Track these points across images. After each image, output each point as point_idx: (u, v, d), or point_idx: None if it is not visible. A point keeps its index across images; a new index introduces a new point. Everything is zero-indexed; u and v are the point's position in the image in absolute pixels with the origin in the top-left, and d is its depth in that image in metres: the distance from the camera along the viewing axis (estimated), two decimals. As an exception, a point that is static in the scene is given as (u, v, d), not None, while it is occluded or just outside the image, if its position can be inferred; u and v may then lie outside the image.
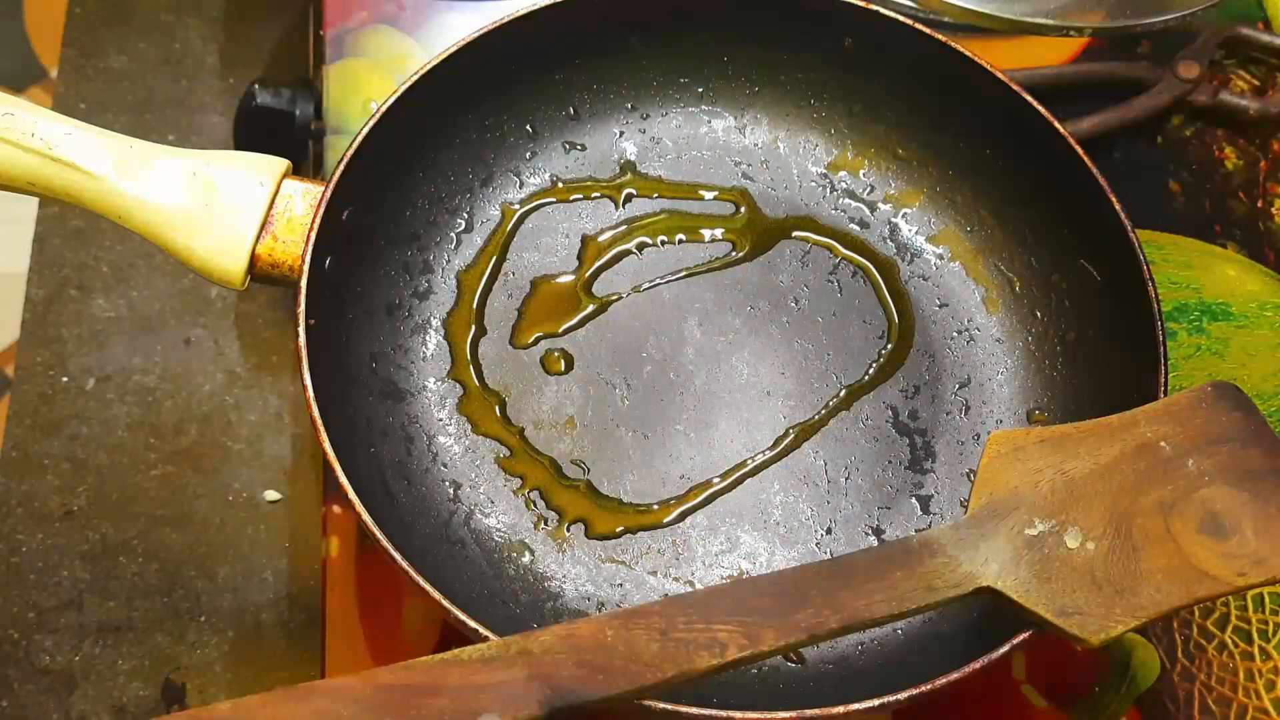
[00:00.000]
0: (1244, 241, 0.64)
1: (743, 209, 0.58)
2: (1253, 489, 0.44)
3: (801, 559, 0.51)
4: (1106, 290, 0.53)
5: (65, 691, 0.60)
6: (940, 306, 0.56)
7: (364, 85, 0.64)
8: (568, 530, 0.51)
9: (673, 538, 0.51)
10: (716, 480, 0.52)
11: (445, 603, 0.41)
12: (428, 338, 0.54)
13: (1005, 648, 0.42)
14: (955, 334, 0.56)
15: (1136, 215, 0.51)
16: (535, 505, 0.51)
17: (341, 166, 0.49)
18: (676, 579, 0.50)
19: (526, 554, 0.50)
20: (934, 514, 0.52)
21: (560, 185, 0.58)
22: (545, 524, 0.51)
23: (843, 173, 0.59)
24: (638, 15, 0.57)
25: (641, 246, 0.57)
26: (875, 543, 0.51)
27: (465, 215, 0.57)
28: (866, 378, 0.55)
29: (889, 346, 0.55)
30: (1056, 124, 0.53)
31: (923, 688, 0.41)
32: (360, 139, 0.50)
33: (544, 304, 0.55)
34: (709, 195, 0.58)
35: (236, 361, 0.74)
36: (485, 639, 0.40)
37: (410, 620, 0.53)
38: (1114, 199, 0.51)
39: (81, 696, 0.60)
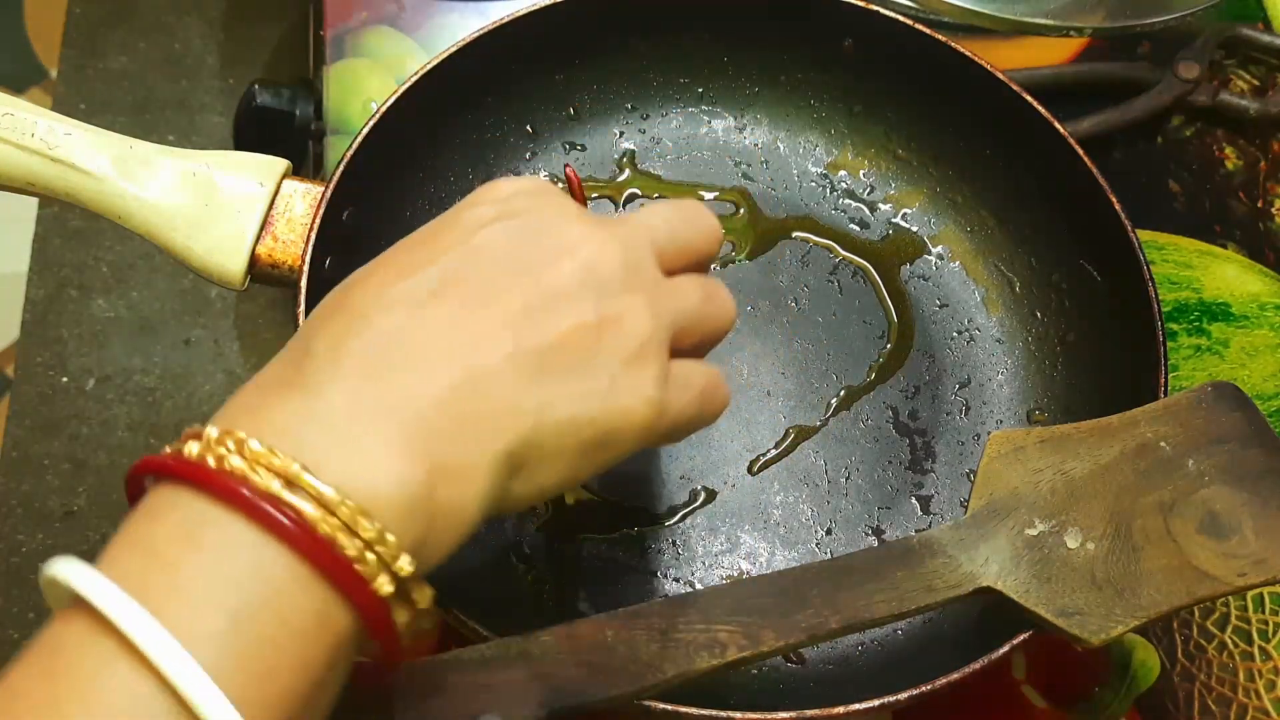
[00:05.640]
0: (1244, 241, 0.64)
1: (743, 209, 0.58)
2: (1253, 489, 0.44)
3: (801, 559, 0.51)
4: (1106, 290, 0.53)
5: (65, 691, 0.60)
6: (940, 306, 0.56)
7: (364, 85, 0.64)
8: (567, 530, 0.51)
9: (673, 538, 0.51)
10: (716, 480, 0.52)
11: (445, 603, 0.41)
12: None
13: (1005, 648, 0.42)
14: (955, 334, 0.56)
15: (1136, 215, 0.51)
16: (535, 505, 0.51)
17: (341, 166, 0.49)
18: (676, 579, 0.50)
19: (526, 554, 0.50)
20: (934, 514, 0.52)
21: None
22: (545, 524, 0.51)
23: (843, 173, 0.59)
24: (638, 15, 0.57)
25: (641, 246, 0.57)
26: (875, 543, 0.51)
27: (465, 215, 0.56)
28: (866, 378, 0.55)
29: (889, 347, 0.55)
30: (1056, 124, 0.53)
31: (923, 688, 0.41)
32: (360, 139, 0.50)
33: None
34: (709, 195, 0.58)
35: (236, 361, 0.74)
36: (485, 639, 0.40)
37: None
38: (1114, 199, 0.51)
39: (81, 696, 0.60)
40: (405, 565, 0.31)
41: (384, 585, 0.31)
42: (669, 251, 0.39)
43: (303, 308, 0.47)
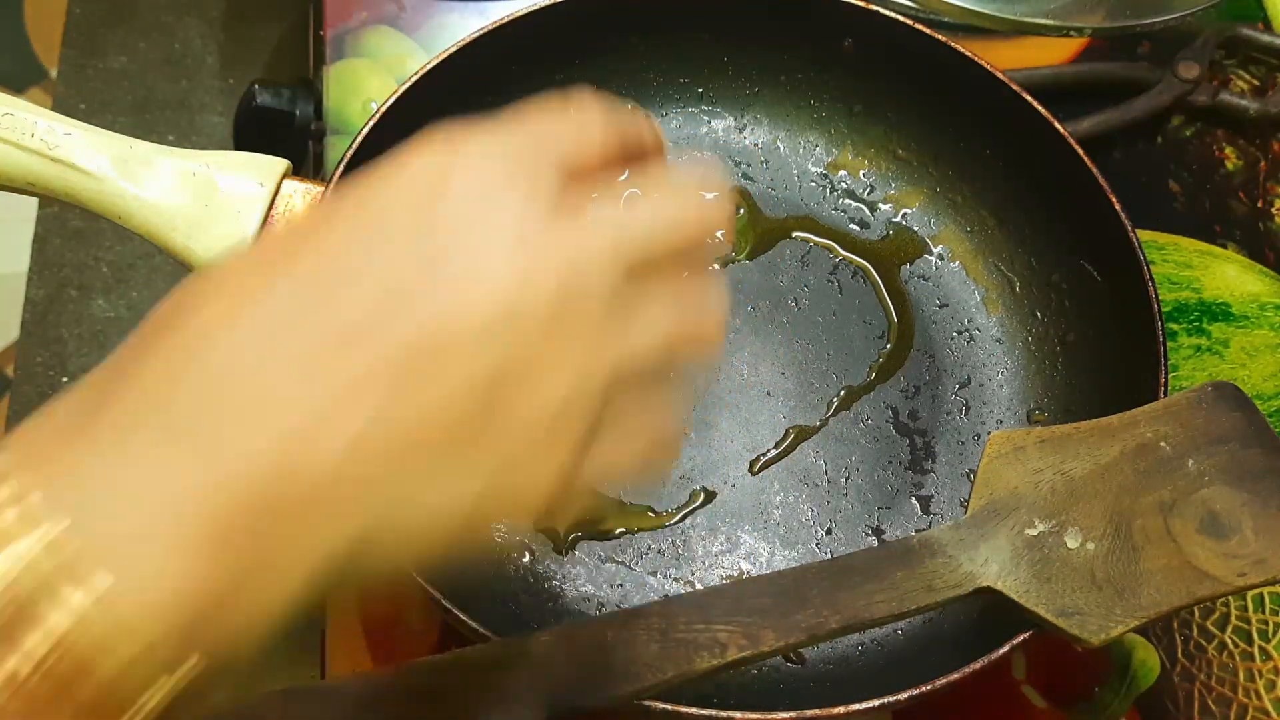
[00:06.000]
0: (1244, 241, 0.64)
1: (743, 209, 0.58)
2: (1253, 489, 0.44)
3: (801, 559, 0.51)
4: (1106, 290, 0.53)
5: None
6: (940, 306, 0.56)
7: (364, 85, 0.64)
8: (567, 530, 0.51)
9: (673, 538, 0.51)
10: (716, 480, 0.52)
11: (445, 603, 0.41)
12: (428, 338, 0.54)
13: (1005, 648, 0.42)
14: (955, 334, 0.56)
15: (1136, 215, 0.51)
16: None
17: (341, 166, 0.49)
18: (676, 579, 0.50)
19: (526, 554, 0.50)
20: (934, 514, 0.52)
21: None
22: (545, 524, 0.51)
23: (843, 173, 0.59)
24: (638, 15, 0.57)
25: (641, 246, 0.57)
26: (875, 543, 0.51)
27: (465, 215, 0.56)
28: (866, 378, 0.55)
29: (889, 346, 0.55)
30: (1057, 124, 0.53)
31: (923, 688, 0.41)
32: (360, 139, 0.50)
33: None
34: (709, 195, 0.58)
35: (236, 362, 0.74)
36: (485, 639, 0.40)
37: (410, 620, 0.53)
38: (1114, 199, 0.51)
39: (81, 697, 0.60)
40: (179, 676, 0.26)
41: (144, 704, 0.26)
42: (644, 260, 0.31)
43: (303, 308, 0.47)
